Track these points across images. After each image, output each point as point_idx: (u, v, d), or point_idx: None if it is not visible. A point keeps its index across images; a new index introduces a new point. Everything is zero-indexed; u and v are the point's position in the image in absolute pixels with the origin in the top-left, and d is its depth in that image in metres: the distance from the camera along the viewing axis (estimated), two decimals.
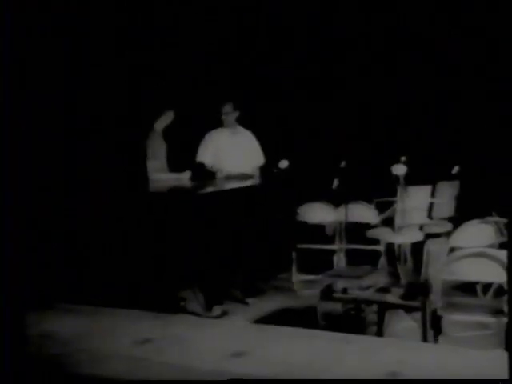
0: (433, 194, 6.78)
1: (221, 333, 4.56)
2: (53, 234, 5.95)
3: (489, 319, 4.43)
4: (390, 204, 6.67)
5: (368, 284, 5.23)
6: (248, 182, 6.54)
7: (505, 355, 3.55)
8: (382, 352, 4.03)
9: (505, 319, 4.14)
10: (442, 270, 4.33)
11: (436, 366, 3.73)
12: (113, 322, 4.62)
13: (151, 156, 6.36)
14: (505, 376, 3.33)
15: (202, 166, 6.75)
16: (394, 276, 6.21)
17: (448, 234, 5.82)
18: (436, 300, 4.37)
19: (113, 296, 5.31)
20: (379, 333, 4.81)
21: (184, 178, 6.48)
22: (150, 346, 4.15)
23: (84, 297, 5.20)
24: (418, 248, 5.84)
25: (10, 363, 3.79)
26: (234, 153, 6.75)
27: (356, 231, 6.66)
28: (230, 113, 6.73)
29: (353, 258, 6.54)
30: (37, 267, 5.55)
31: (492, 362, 3.75)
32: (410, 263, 6.41)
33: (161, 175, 6.40)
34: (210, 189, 6.24)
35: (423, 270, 4.50)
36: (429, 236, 6.19)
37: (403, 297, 4.87)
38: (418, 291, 4.59)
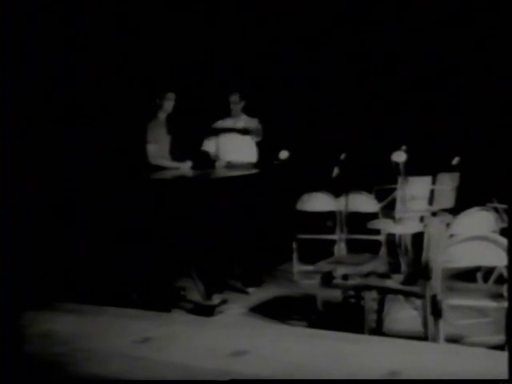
0: (433, 185, 6.77)
1: (221, 332, 4.57)
2: (52, 233, 5.97)
3: (488, 304, 4.42)
4: (390, 192, 6.66)
5: (368, 270, 5.22)
6: (251, 171, 6.54)
7: (505, 355, 3.57)
8: (382, 352, 4.02)
9: (505, 304, 4.14)
10: (442, 253, 4.31)
11: (436, 366, 3.73)
12: (113, 322, 4.63)
13: (152, 140, 6.37)
14: (505, 376, 3.34)
15: (206, 154, 6.78)
16: (395, 265, 6.22)
17: (448, 225, 5.80)
18: (436, 285, 4.36)
19: (112, 295, 5.35)
20: (379, 320, 4.80)
21: (185, 168, 6.49)
22: (150, 345, 4.16)
23: (84, 297, 5.24)
24: (418, 238, 5.82)
25: (10, 363, 3.81)
26: (235, 142, 6.77)
27: (357, 221, 6.64)
28: (236, 102, 6.77)
29: (353, 248, 6.54)
30: (37, 267, 5.57)
31: (492, 361, 3.76)
32: (410, 253, 6.39)
33: (162, 161, 6.40)
34: (210, 177, 6.24)
35: (424, 254, 4.48)
36: None
37: (404, 282, 4.86)
38: (418, 276, 4.57)
